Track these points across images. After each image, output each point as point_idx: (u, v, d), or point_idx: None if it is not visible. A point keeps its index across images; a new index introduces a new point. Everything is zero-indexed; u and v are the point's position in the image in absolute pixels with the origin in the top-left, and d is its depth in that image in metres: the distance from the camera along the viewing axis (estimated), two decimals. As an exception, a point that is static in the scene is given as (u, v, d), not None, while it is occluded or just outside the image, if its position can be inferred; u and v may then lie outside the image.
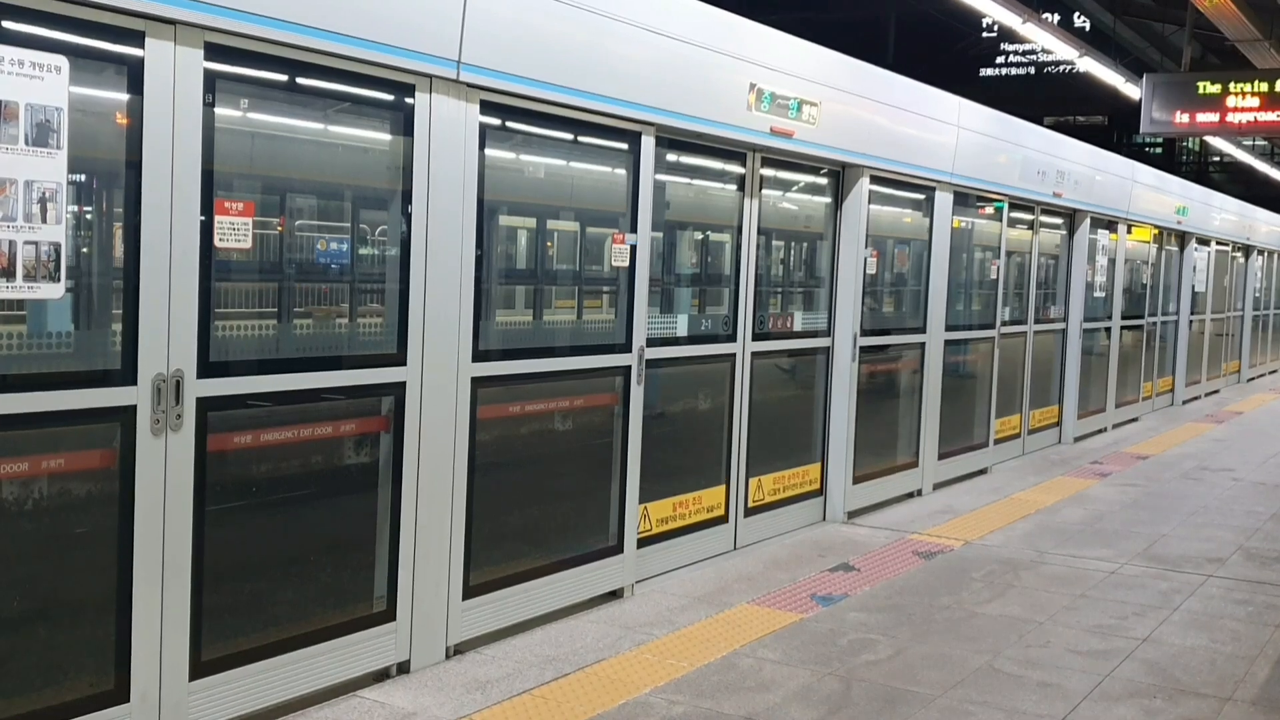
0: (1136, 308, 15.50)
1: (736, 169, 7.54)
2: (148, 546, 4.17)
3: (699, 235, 8.46)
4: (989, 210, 10.92)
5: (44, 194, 3.79)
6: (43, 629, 4.12)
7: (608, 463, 6.47)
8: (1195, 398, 18.32)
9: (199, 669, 4.39)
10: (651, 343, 6.62)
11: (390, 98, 5.04)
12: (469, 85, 5.24)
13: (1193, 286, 17.78)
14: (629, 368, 6.42)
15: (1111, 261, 14.11)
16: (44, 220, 3.80)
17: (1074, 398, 13.29)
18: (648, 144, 6.38)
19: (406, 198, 5.11)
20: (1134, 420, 15.29)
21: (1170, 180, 16.70)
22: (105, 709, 4.10)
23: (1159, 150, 44.18)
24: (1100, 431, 14.07)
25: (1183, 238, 17.32)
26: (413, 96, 5.05)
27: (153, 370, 4.13)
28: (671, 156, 6.96)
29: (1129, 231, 14.66)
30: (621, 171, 6.47)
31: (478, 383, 5.49)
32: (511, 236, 7.24)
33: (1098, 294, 13.76)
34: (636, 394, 6.45)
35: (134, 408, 4.10)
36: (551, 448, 6.46)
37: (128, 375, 4.09)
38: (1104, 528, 8.69)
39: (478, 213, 5.40)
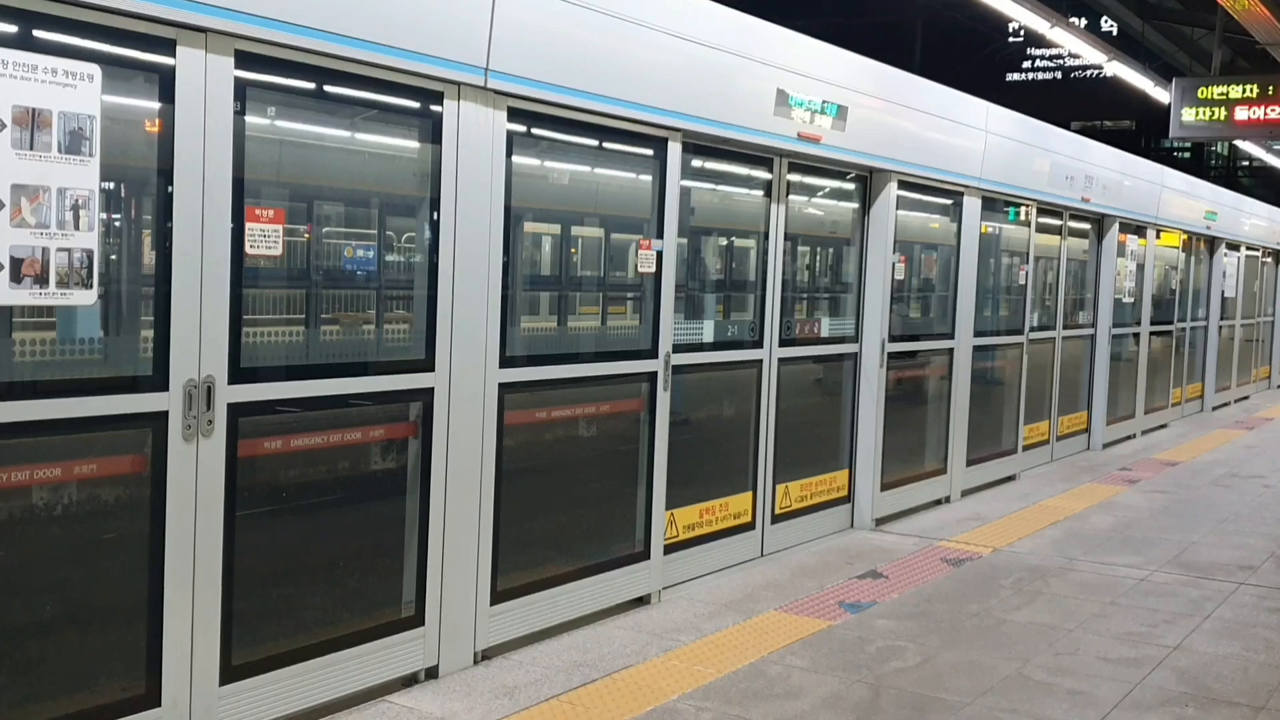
0: (1165, 313, 15.39)
1: (763, 174, 7.53)
2: (179, 551, 4.20)
3: (724, 241, 8.46)
4: (1017, 217, 10.87)
5: (77, 201, 3.82)
6: (75, 633, 4.16)
7: (634, 469, 6.47)
8: (1225, 404, 18.17)
9: (229, 673, 4.41)
10: (678, 349, 6.61)
11: (418, 105, 5.06)
12: (496, 92, 5.26)
13: (1222, 292, 17.64)
14: (655, 374, 6.42)
15: (1140, 267, 14.02)
16: (76, 227, 3.83)
17: (1103, 404, 13.21)
18: (674, 150, 6.38)
19: (434, 205, 5.13)
20: (1163, 427, 15.18)
21: (1199, 185, 16.58)
22: (137, 713, 4.13)
23: (1188, 155, 43.88)
24: (1129, 438, 13.98)
25: (1212, 243, 17.20)
26: (440, 104, 5.07)
27: (184, 376, 4.16)
28: (697, 162, 6.96)
29: (1158, 237, 14.57)
30: (647, 177, 6.47)
31: (505, 389, 5.50)
32: (537, 243, 7.26)
33: (1126, 299, 13.68)
34: (663, 400, 6.45)
35: (165, 413, 4.13)
36: (578, 454, 6.46)
37: (159, 381, 4.12)
38: (1133, 535, 8.63)
39: (505, 219, 5.41)
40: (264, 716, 4.54)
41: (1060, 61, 34.59)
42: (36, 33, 3.74)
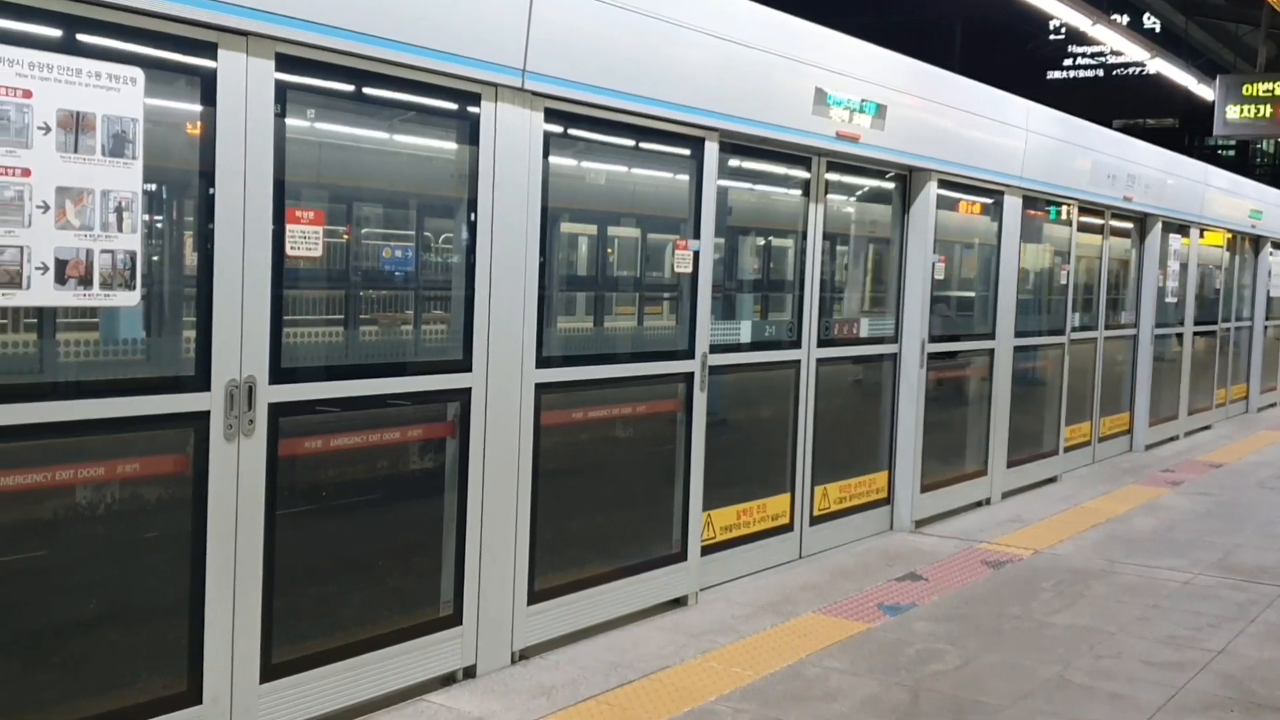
0: (1209, 313, 15.22)
1: (801, 174, 7.50)
2: (220, 550, 4.24)
3: (761, 241, 8.44)
4: (1059, 217, 10.78)
5: (120, 203, 3.86)
6: (118, 631, 4.20)
7: (671, 470, 6.46)
8: (1270, 405, 17.93)
9: (269, 672, 4.44)
10: (714, 349, 6.60)
11: (455, 107, 5.09)
12: (533, 94, 5.27)
13: (1268, 291, 17.43)
14: (692, 374, 6.41)
15: (1183, 266, 13.86)
16: (120, 229, 3.87)
17: (1145, 405, 13.07)
18: (711, 150, 6.37)
19: (471, 206, 5.14)
20: (1206, 428, 15.00)
21: (1244, 183, 16.39)
22: (178, 710, 4.17)
23: (1232, 153, 43.40)
24: (1172, 439, 13.82)
25: (1257, 241, 16.99)
26: (478, 105, 5.09)
27: (226, 376, 4.20)
28: (734, 162, 6.94)
29: (1201, 236, 14.40)
30: (684, 177, 6.46)
31: (541, 389, 5.51)
32: (574, 243, 7.27)
33: (1169, 299, 13.53)
34: (700, 400, 6.44)
35: (207, 413, 4.17)
36: (614, 454, 6.47)
37: (201, 381, 4.16)
38: (1176, 537, 8.53)
39: (541, 220, 5.43)
40: (303, 714, 4.57)
41: (1102, 59, 34.34)
42: (80, 37, 3.78)
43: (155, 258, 4.48)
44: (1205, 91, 16.59)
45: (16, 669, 3.92)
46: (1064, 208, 10.83)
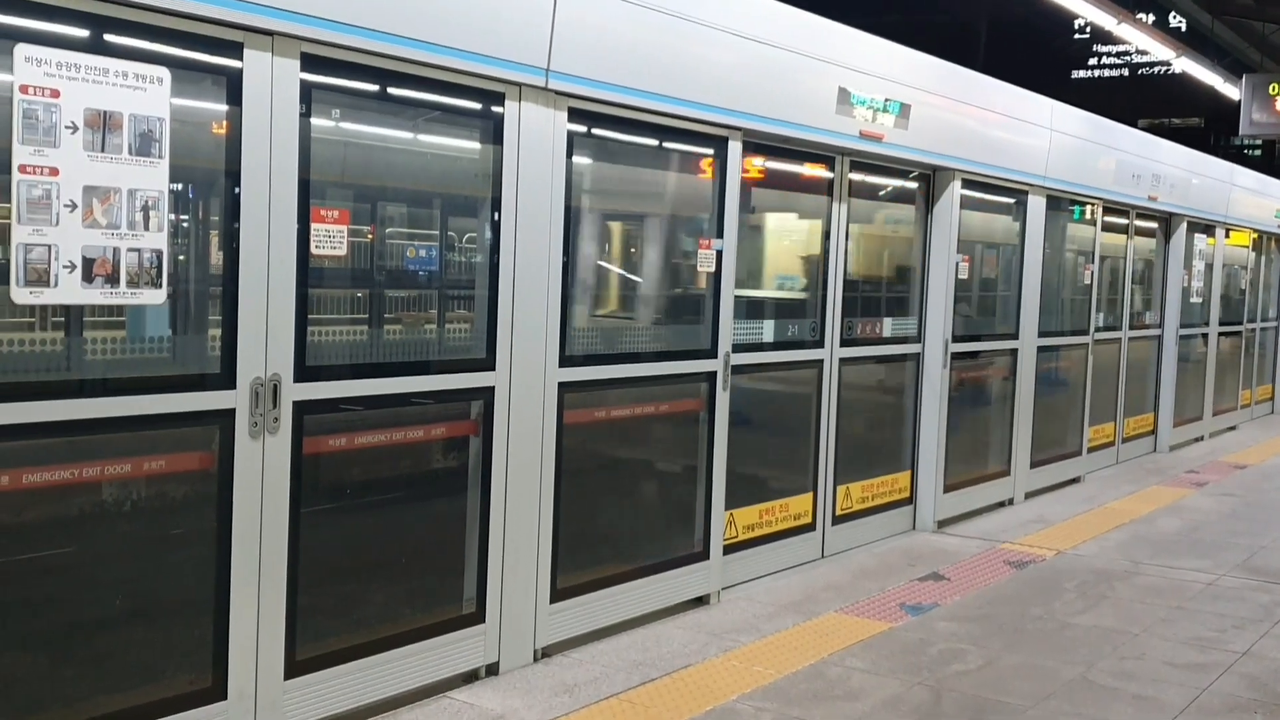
0: (1234, 313, 15.11)
1: (824, 173, 7.48)
2: (245, 547, 4.26)
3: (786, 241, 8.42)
4: (1083, 216, 10.72)
5: (147, 202, 3.89)
6: (143, 627, 4.23)
7: (693, 469, 6.46)
8: (1297, 406, 17.82)
9: (294, 668, 4.47)
10: (737, 348, 6.60)
11: (479, 106, 5.10)
12: (557, 93, 5.28)
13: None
14: (714, 373, 6.41)
15: (1209, 266, 13.78)
16: (146, 228, 3.90)
17: (1169, 405, 13.00)
18: (734, 149, 6.37)
19: (495, 205, 5.16)
20: (1232, 429, 14.90)
21: (1271, 183, 16.27)
22: (204, 706, 4.19)
23: (1258, 152, 43.10)
24: (1197, 440, 13.74)
25: (1284, 242, 16.87)
26: (502, 105, 5.10)
27: (251, 374, 4.22)
28: (758, 161, 6.93)
29: (1227, 235, 14.31)
30: (706, 177, 6.45)
31: (564, 388, 5.52)
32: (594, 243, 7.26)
33: (1194, 299, 13.45)
34: (722, 400, 6.44)
35: (233, 411, 4.19)
36: (636, 453, 6.47)
37: (226, 379, 4.19)
38: (1201, 538, 8.48)
39: (565, 219, 5.44)
40: (327, 711, 4.60)
41: (1127, 58, 34.14)
42: (107, 37, 3.81)
43: (181, 256, 4.50)
44: (1231, 91, 16.49)
45: (44, 664, 3.96)
46: (1088, 207, 10.78)
